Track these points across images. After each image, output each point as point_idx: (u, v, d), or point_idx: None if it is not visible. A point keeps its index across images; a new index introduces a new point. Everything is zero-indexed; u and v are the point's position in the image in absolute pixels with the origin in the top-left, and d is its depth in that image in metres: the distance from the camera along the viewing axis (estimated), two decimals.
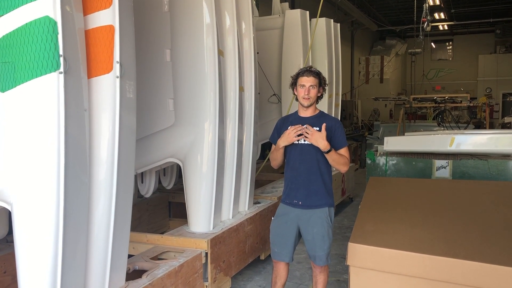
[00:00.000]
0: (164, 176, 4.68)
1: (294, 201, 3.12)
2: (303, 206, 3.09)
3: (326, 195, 3.08)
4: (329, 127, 3.00)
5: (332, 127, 3.03)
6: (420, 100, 11.71)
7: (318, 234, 3.04)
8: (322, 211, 3.06)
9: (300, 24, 5.96)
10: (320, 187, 3.07)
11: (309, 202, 3.07)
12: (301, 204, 3.09)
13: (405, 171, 5.07)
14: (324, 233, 3.04)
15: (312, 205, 3.07)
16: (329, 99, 6.36)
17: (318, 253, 3.06)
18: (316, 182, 3.06)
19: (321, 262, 3.08)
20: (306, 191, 3.08)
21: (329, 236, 3.06)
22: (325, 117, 3.14)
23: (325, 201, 3.08)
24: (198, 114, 3.68)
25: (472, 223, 2.93)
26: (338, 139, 3.04)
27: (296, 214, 3.11)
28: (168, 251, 3.42)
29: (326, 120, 3.05)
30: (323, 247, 3.05)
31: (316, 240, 3.05)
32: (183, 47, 3.69)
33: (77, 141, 2.22)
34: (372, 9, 16.91)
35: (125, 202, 2.62)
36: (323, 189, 3.08)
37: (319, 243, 3.04)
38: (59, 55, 2.07)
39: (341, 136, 3.06)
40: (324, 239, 3.04)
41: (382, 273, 2.47)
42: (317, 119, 3.09)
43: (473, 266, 2.24)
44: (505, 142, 4.88)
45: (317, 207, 3.07)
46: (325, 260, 3.08)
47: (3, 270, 3.03)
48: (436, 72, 22.78)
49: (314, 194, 3.07)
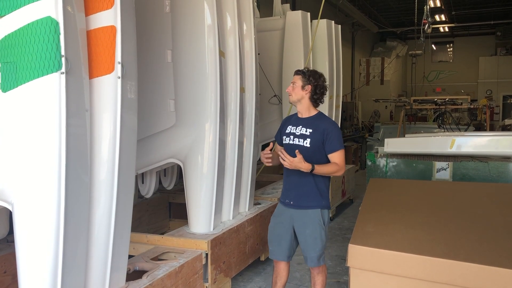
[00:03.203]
0: (164, 176, 4.68)
1: (287, 201, 3.17)
2: (295, 206, 3.13)
3: (318, 197, 3.08)
4: (322, 130, 3.01)
5: (325, 130, 3.01)
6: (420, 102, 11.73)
7: (310, 235, 3.07)
8: (314, 212, 3.07)
9: (301, 25, 5.96)
10: (311, 188, 3.07)
11: (300, 203, 3.10)
12: (292, 204, 3.14)
13: (406, 173, 5.07)
14: (316, 235, 3.07)
15: (303, 206, 3.09)
16: (329, 100, 6.37)
17: (309, 254, 3.10)
18: (307, 184, 3.07)
19: (312, 263, 3.12)
20: (297, 192, 3.11)
21: (321, 238, 3.08)
22: (321, 119, 3.12)
23: (316, 203, 3.08)
24: (199, 115, 3.68)
25: (473, 225, 2.93)
26: (330, 143, 3.00)
27: (290, 214, 3.14)
28: (168, 251, 3.42)
29: (322, 122, 3.06)
30: (314, 249, 3.08)
31: (308, 242, 3.09)
32: (184, 48, 3.69)
33: (78, 141, 2.22)
34: (373, 10, 16.93)
35: (126, 203, 2.63)
36: (315, 190, 3.07)
37: (311, 245, 3.08)
38: (61, 55, 2.07)
39: (334, 140, 3.01)
40: (316, 241, 3.07)
41: (382, 275, 2.47)
42: (314, 120, 3.10)
43: (473, 268, 2.24)
44: (506, 144, 4.88)
45: (308, 208, 3.08)
46: (317, 262, 3.11)
47: (3, 270, 3.04)
48: (437, 74, 22.79)
49: (305, 195, 3.09)
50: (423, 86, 19.74)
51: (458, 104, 10.59)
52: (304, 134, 3.05)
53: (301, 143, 3.05)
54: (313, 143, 3.02)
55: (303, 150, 3.00)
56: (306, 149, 3.02)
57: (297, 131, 3.09)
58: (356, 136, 11.91)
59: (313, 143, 3.02)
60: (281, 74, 6.14)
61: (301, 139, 3.06)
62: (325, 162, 3.02)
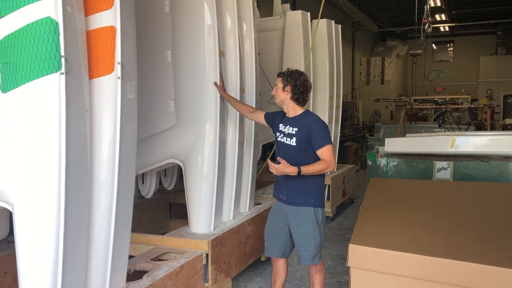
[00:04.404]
0: (165, 177, 4.68)
1: (280, 196, 3.23)
2: (287, 202, 3.18)
3: (308, 195, 3.09)
4: (306, 127, 3.04)
5: (309, 127, 3.04)
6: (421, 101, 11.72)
7: (303, 234, 3.11)
8: (307, 210, 3.09)
9: (301, 25, 5.95)
10: (300, 186, 3.09)
11: (291, 200, 3.15)
12: (285, 200, 3.19)
13: (406, 173, 5.07)
14: (310, 233, 3.09)
15: (293, 203, 3.14)
16: (329, 100, 6.36)
17: (302, 252, 3.13)
18: (296, 181, 3.09)
19: (306, 262, 3.15)
20: (288, 188, 3.15)
21: (314, 236, 3.09)
22: (306, 117, 3.14)
23: (307, 201, 3.10)
24: (199, 115, 3.68)
25: (473, 224, 2.92)
26: (316, 140, 3.02)
27: (285, 212, 3.19)
28: (168, 252, 3.43)
29: (306, 120, 3.09)
30: (307, 247, 3.10)
31: (301, 240, 3.12)
32: (184, 48, 3.69)
33: (78, 142, 2.22)
34: (373, 10, 16.92)
35: (126, 203, 2.62)
36: (304, 188, 3.09)
37: (304, 243, 3.11)
38: (60, 56, 2.07)
39: (319, 136, 3.01)
40: (309, 240, 3.09)
41: (383, 275, 2.47)
42: (299, 119, 3.14)
43: (474, 267, 2.24)
44: (506, 144, 4.88)
45: (300, 205, 3.11)
46: (311, 260, 3.13)
47: (3, 270, 3.04)
48: (437, 73, 22.77)
49: (294, 192, 3.12)
50: (423, 85, 19.70)
51: (458, 104, 10.58)
52: (291, 133, 3.11)
53: (289, 142, 3.11)
54: (299, 141, 3.06)
55: (291, 149, 3.08)
56: (293, 147, 3.08)
57: (285, 130, 3.16)
58: (356, 136, 11.91)
59: (299, 142, 3.06)
60: None
61: (288, 138, 3.12)
62: (314, 160, 3.03)
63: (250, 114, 3.62)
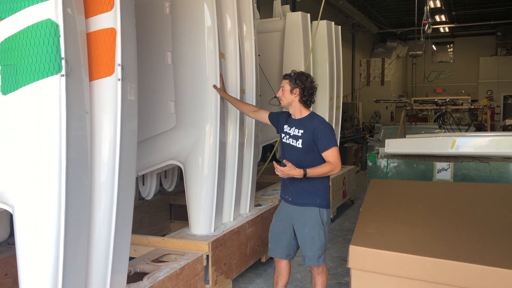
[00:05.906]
0: (165, 178, 4.68)
1: (286, 197, 3.25)
2: (292, 202, 3.19)
3: (314, 195, 3.11)
4: (312, 129, 3.05)
5: (315, 129, 3.05)
6: (421, 102, 11.73)
7: (308, 234, 3.11)
8: (312, 211, 3.10)
9: (301, 26, 5.96)
10: (305, 187, 3.11)
11: (296, 200, 3.16)
12: (291, 200, 3.20)
13: (406, 174, 5.07)
14: (314, 234, 3.10)
15: (299, 203, 3.15)
16: (330, 101, 6.37)
17: (307, 253, 3.14)
18: (302, 182, 3.09)
19: (310, 262, 3.15)
20: (293, 188, 3.17)
21: (319, 237, 3.10)
22: (312, 119, 3.15)
23: (312, 201, 3.11)
24: (199, 116, 3.68)
25: (474, 225, 2.92)
26: (322, 142, 3.03)
27: (290, 212, 3.19)
28: (169, 253, 3.42)
29: (312, 122, 3.10)
30: (312, 248, 3.11)
31: (306, 240, 3.13)
32: (184, 50, 3.70)
33: (79, 144, 2.22)
34: (373, 11, 16.93)
35: (126, 205, 2.63)
36: (310, 189, 3.10)
37: (309, 243, 3.12)
38: (61, 57, 2.07)
39: (325, 138, 3.03)
40: (314, 240, 3.10)
41: (383, 276, 2.46)
42: (305, 121, 3.15)
43: (474, 268, 2.24)
44: (506, 145, 4.88)
45: (306, 205, 3.12)
46: (315, 261, 3.13)
47: (4, 272, 3.04)
48: (437, 74, 22.77)
49: (300, 193, 3.13)
50: (423, 86, 19.70)
51: (458, 105, 10.58)
52: (297, 135, 3.12)
53: (294, 144, 3.12)
54: (305, 143, 3.07)
55: (296, 151, 3.09)
56: (299, 149, 3.09)
57: (291, 132, 3.16)
58: (356, 137, 11.91)
59: (304, 144, 3.07)
60: (281, 76, 6.10)
61: (294, 140, 3.13)
62: (320, 162, 3.04)
63: (253, 113, 3.63)
